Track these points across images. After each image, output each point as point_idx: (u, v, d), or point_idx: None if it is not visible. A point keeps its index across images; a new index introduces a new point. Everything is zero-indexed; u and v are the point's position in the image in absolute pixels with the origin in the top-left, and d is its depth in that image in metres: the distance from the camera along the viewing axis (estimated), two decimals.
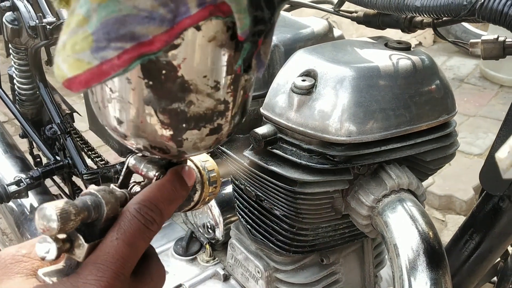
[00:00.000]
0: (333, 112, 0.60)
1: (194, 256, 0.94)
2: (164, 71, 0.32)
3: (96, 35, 0.28)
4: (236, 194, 0.79)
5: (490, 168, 0.57)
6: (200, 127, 0.36)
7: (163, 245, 0.99)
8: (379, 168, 0.65)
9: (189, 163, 0.45)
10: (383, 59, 0.65)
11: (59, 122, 1.36)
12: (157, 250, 0.79)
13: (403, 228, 0.60)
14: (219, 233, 0.90)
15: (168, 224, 1.03)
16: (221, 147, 0.74)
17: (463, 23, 3.51)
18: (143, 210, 0.37)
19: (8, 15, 1.30)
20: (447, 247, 0.68)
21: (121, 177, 0.44)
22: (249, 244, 0.82)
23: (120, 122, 0.36)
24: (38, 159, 1.67)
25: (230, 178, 0.81)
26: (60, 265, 0.37)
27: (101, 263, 0.35)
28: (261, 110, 0.68)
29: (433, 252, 0.57)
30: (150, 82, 0.33)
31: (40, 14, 1.17)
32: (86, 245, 0.36)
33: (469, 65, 3.52)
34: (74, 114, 1.51)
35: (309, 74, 0.64)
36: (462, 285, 0.67)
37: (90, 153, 1.41)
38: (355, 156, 0.63)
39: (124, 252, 0.35)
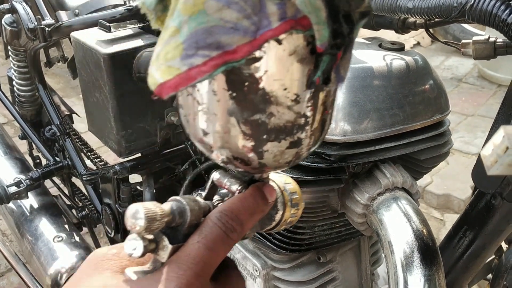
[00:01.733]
0: None
1: None
2: (246, 83, 0.34)
3: (186, 44, 0.31)
4: None
5: (482, 166, 0.58)
6: (280, 139, 0.37)
7: None
8: (373, 167, 0.66)
9: (271, 182, 0.47)
10: (377, 59, 0.66)
11: (58, 123, 1.37)
12: None
13: (397, 225, 0.61)
14: None
15: None
16: None
17: (464, 25, 3.52)
18: (224, 218, 0.39)
19: (7, 17, 1.31)
20: (441, 244, 0.69)
21: (206, 190, 0.46)
22: (246, 243, 0.83)
23: (206, 133, 0.38)
24: (38, 161, 1.68)
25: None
26: (146, 266, 0.39)
27: (182, 263, 0.37)
28: None
29: (427, 249, 0.58)
30: (234, 94, 0.34)
31: (39, 16, 1.18)
32: (170, 247, 0.38)
33: (467, 65, 3.53)
34: (74, 115, 1.51)
35: None
36: (456, 282, 0.68)
37: (89, 154, 1.42)
38: (350, 155, 0.64)
39: (204, 255, 0.37)
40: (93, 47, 0.98)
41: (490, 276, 0.81)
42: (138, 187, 1.21)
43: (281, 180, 0.48)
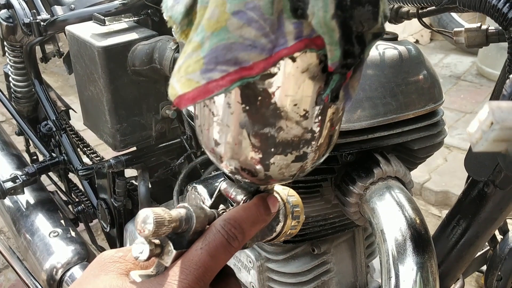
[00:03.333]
0: None
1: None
2: (260, 98, 0.35)
3: (206, 59, 0.32)
4: None
5: (474, 154, 0.58)
6: (287, 153, 0.39)
7: None
8: (366, 156, 0.66)
9: (275, 194, 0.49)
10: None
11: (54, 119, 1.37)
12: None
13: (390, 214, 0.60)
14: None
15: None
16: None
17: (458, 20, 3.52)
18: (227, 226, 0.42)
19: (3, 12, 1.31)
20: (434, 235, 0.69)
21: (212, 199, 0.48)
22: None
23: (217, 143, 0.39)
24: (35, 157, 1.68)
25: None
26: (150, 270, 0.41)
27: (185, 268, 0.39)
28: None
29: (419, 237, 0.58)
30: (247, 107, 0.36)
31: (34, 11, 1.18)
32: (174, 252, 0.40)
33: (466, 63, 3.53)
34: (71, 113, 1.51)
35: None
36: (450, 272, 0.68)
37: (85, 149, 1.42)
38: (342, 144, 0.63)
39: (206, 262, 0.39)
40: (88, 41, 0.98)
41: (485, 268, 0.80)
42: (134, 182, 1.21)
43: (284, 193, 0.50)
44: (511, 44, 0.50)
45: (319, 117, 0.38)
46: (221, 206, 0.48)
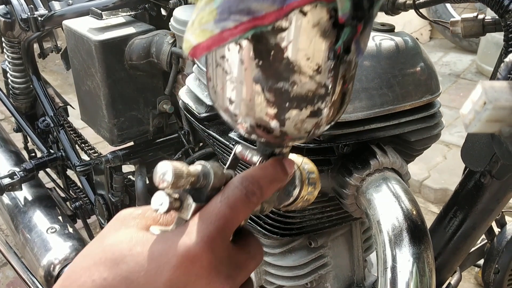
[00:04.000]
0: None
1: None
2: (272, 52, 0.36)
3: (219, 9, 0.34)
4: None
5: (470, 145, 0.58)
6: (302, 107, 0.39)
7: None
8: (363, 148, 0.66)
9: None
10: None
11: (52, 115, 1.37)
12: None
13: (386, 205, 0.60)
14: None
15: None
16: (207, 130, 0.75)
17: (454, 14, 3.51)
18: (245, 182, 0.42)
19: (1, 8, 1.31)
20: (431, 227, 0.69)
21: (228, 162, 0.48)
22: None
23: (231, 101, 0.40)
24: (33, 154, 1.68)
25: (218, 161, 0.81)
26: (170, 227, 0.41)
27: (205, 218, 0.39)
28: None
29: (415, 228, 0.58)
30: (260, 62, 0.37)
31: (32, 6, 1.18)
32: (193, 205, 0.40)
33: (465, 61, 3.52)
34: (70, 110, 1.51)
35: None
36: (447, 264, 0.67)
37: (83, 145, 1.42)
38: (338, 135, 0.63)
39: (226, 213, 0.39)
40: (85, 35, 0.98)
41: (482, 262, 0.80)
42: (131, 177, 1.21)
43: (299, 160, 0.51)
44: (507, 32, 0.49)
45: (332, 72, 0.38)
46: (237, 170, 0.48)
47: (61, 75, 3.41)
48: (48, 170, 1.50)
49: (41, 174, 1.51)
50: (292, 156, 0.50)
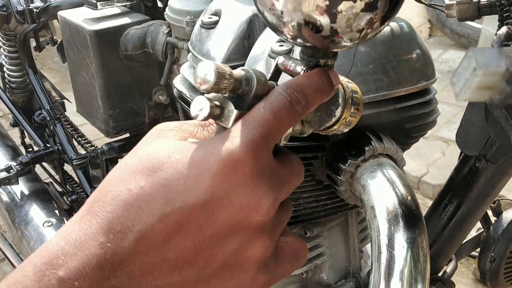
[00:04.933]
0: None
1: None
2: None
3: None
4: None
5: (465, 129, 0.57)
6: None
7: None
8: (357, 133, 0.65)
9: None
10: None
11: (48, 108, 1.36)
12: None
13: (380, 190, 0.60)
14: None
15: None
16: None
17: None
18: (289, 90, 0.39)
19: None
20: (427, 214, 0.68)
21: (269, 74, 0.45)
22: None
23: None
24: (30, 149, 1.67)
25: None
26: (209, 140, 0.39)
27: (248, 124, 0.37)
28: None
29: (410, 213, 0.57)
30: None
31: None
32: (235, 112, 0.37)
33: None
34: (68, 107, 1.50)
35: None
36: (442, 252, 0.67)
37: (80, 139, 1.41)
38: None
39: (270, 120, 0.37)
40: (80, 25, 0.98)
41: (478, 251, 0.79)
42: None
43: (343, 78, 0.47)
44: (502, 12, 0.49)
45: None
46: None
47: (60, 72, 3.41)
48: (45, 165, 1.50)
49: (39, 170, 1.50)
50: None
